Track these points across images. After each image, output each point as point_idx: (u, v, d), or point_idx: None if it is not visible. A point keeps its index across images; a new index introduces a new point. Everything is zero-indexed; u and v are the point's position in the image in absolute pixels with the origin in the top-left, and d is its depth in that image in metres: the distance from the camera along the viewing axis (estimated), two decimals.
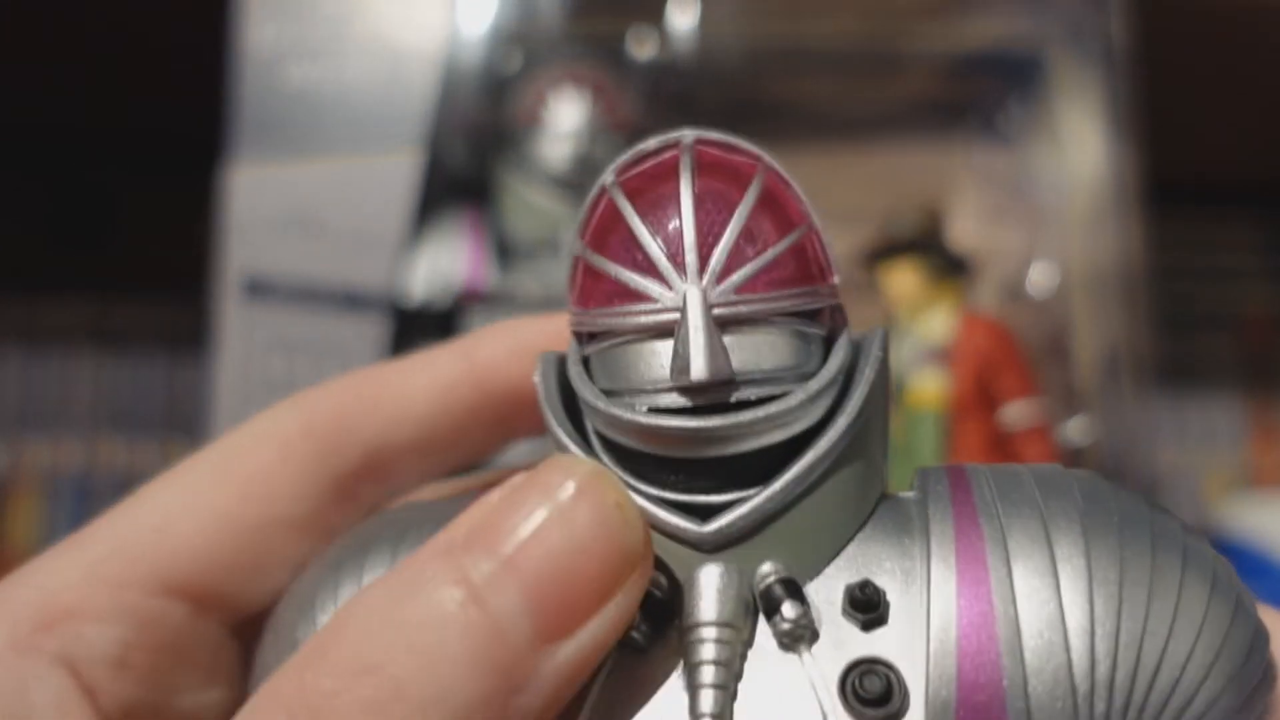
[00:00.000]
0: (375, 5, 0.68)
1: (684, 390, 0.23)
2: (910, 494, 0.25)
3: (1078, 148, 0.72)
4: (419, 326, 0.68)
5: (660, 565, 0.23)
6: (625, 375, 0.24)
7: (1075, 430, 0.72)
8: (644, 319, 0.23)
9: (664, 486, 0.24)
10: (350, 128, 0.67)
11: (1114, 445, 0.70)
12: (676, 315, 0.23)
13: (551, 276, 0.68)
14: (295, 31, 0.68)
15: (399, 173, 0.67)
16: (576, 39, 0.72)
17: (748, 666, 0.23)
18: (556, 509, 0.21)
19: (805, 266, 0.24)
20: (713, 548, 0.23)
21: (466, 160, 0.71)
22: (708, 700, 0.22)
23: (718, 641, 0.22)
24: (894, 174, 0.76)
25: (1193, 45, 0.79)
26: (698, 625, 0.22)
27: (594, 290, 0.24)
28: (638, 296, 0.23)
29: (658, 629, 0.23)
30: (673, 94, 0.73)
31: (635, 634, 0.23)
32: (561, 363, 0.26)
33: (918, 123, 0.78)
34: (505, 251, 0.69)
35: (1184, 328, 1.10)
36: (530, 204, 0.70)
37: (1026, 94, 0.75)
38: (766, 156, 0.25)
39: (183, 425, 0.92)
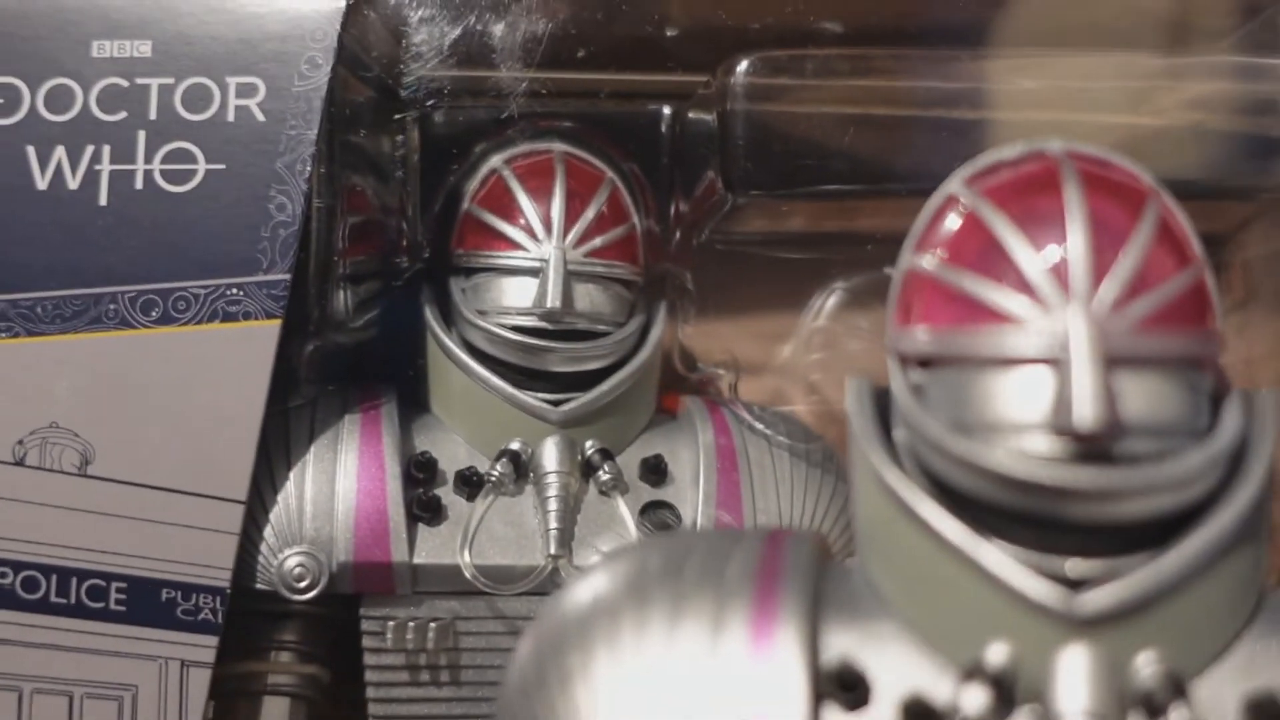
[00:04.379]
0: None
1: (1063, 436, 0.22)
2: None
3: None
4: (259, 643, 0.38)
5: (1009, 638, 0.22)
6: (978, 410, 0.23)
7: None
8: (1014, 345, 0.22)
9: (1013, 542, 0.22)
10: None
11: None
12: (1055, 344, 0.21)
13: (518, 541, 0.38)
14: None
15: (228, 359, 0.35)
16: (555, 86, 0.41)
17: None
18: None
19: (1202, 308, 0.23)
20: (1083, 626, 0.21)
21: (355, 324, 0.40)
22: None
23: None
24: None
25: None
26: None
27: (941, 308, 0.23)
28: (1005, 318, 0.22)
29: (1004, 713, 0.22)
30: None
31: None
32: (876, 392, 0.25)
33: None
34: (426, 494, 0.38)
35: None
36: (474, 403, 0.39)
37: None
38: (1151, 179, 0.24)
39: None
